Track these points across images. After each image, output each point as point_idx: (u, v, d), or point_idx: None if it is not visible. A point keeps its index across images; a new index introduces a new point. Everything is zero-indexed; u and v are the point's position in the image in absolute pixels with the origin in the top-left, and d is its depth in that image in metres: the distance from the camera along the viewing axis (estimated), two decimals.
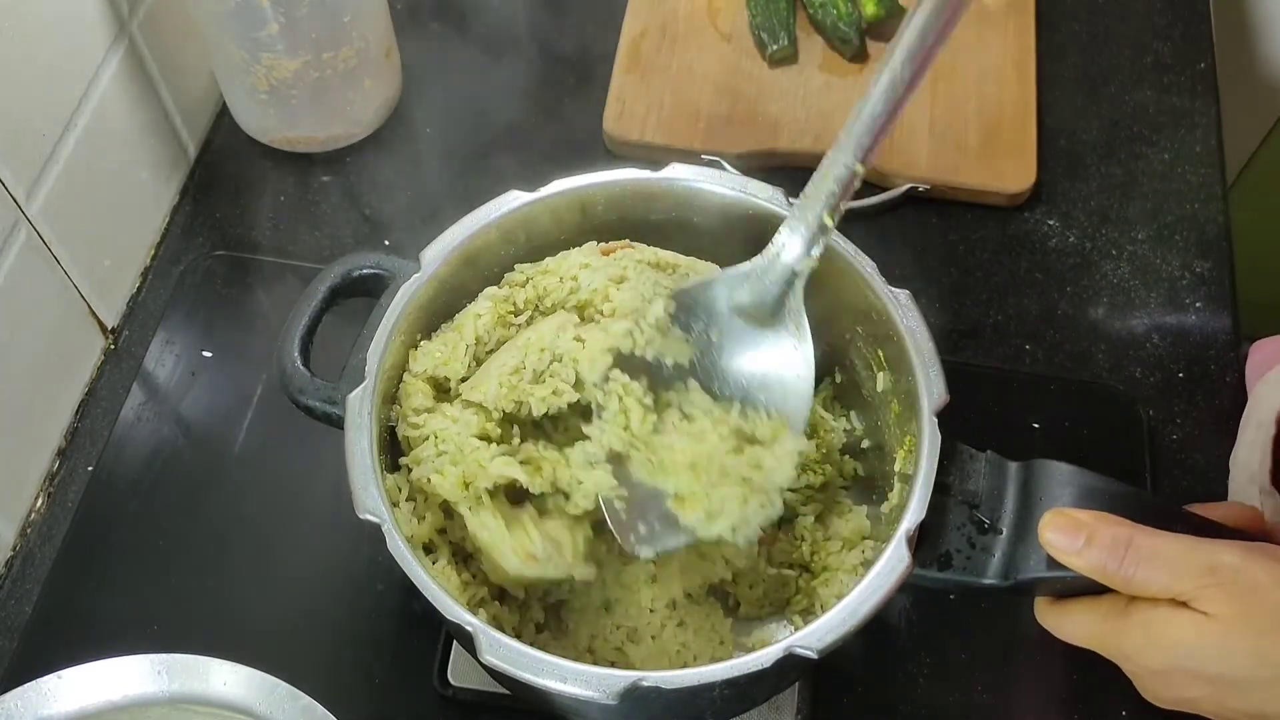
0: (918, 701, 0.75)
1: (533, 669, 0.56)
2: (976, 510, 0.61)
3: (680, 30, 1.01)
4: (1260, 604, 0.51)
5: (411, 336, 0.68)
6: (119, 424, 0.84)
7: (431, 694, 0.74)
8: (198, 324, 0.89)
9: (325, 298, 0.67)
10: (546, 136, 0.98)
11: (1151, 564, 0.53)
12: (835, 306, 0.70)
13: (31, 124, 0.75)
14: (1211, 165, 0.97)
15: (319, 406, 0.65)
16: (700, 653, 0.69)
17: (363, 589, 0.77)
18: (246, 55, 0.86)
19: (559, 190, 0.70)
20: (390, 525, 0.59)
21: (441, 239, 0.68)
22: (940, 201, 0.94)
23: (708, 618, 0.70)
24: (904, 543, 0.58)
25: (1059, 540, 0.55)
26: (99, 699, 0.57)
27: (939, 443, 0.61)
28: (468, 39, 1.03)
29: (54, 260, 0.80)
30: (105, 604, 0.78)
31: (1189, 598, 0.52)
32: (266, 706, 0.56)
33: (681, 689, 0.55)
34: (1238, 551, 0.53)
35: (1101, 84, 1.01)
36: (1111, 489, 0.58)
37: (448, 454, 0.64)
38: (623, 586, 0.69)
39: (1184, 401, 0.87)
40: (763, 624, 0.72)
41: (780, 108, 0.97)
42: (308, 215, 0.94)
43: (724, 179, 0.70)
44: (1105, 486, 0.58)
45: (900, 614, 0.77)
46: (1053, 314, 0.90)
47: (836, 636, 0.56)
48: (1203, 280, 0.92)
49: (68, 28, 0.78)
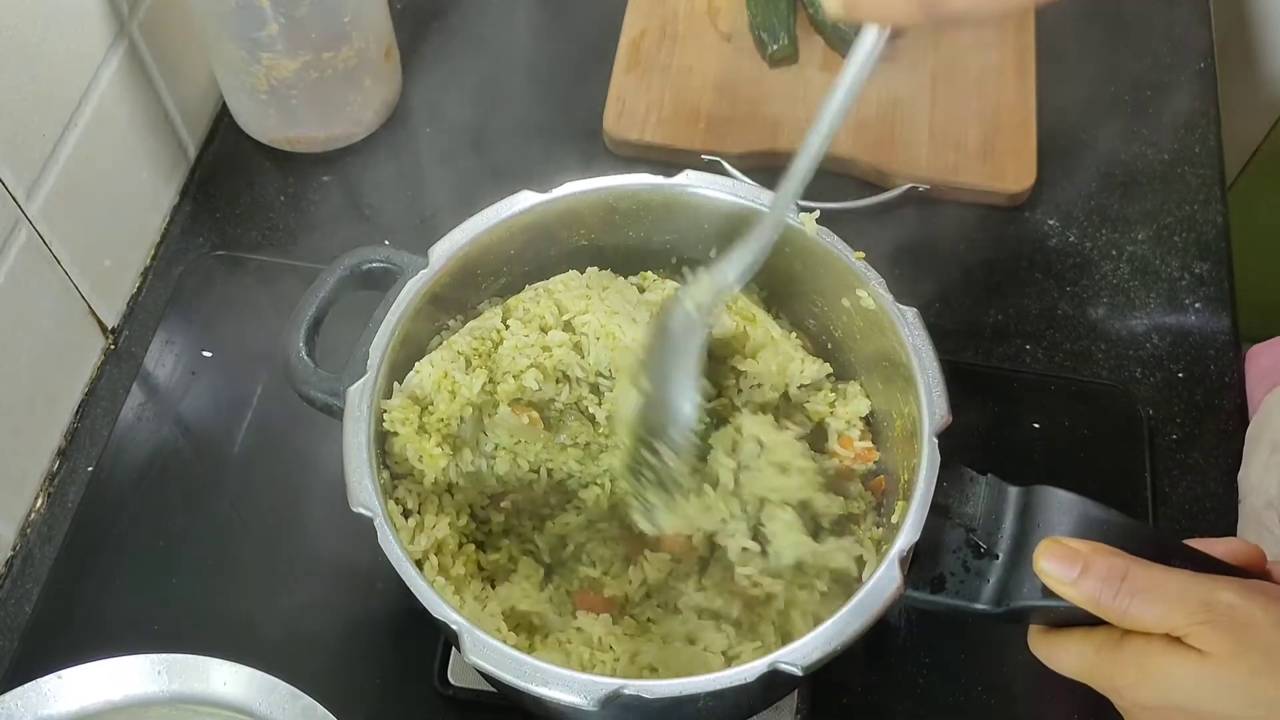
0: (917, 702, 0.75)
1: (515, 671, 0.56)
2: (973, 534, 0.60)
3: (680, 30, 1.01)
4: (1255, 643, 0.50)
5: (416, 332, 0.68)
6: (119, 424, 0.84)
7: (431, 694, 0.74)
8: (198, 324, 0.89)
9: (333, 289, 0.67)
10: (546, 136, 0.98)
11: (1147, 597, 0.52)
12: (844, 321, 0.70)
13: (31, 124, 0.75)
14: (1211, 165, 0.97)
15: (320, 397, 0.65)
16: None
17: (363, 588, 0.77)
18: (246, 55, 0.86)
19: (570, 192, 0.70)
20: (383, 520, 0.59)
21: (450, 236, 0.68)
22: (940, 201, 0.94)
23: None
24: (896, 563, 0.58)
25: (1054, 569, 0.55)
26: (99, 699, 0.57)
27: (938, 464, 0.61)
28: (468, 39, 1.03)
29: (54, 260, 0.80)
30: (105, 604, 0.78)
31: (1183, 633, 0.52)
32: (266, 706, 0.56)
33: (664, 699, 0.55)
34: (1235, 589, 0.52)
35: (1101, 84, 1.01)
36: (1111, 519, 0.57)
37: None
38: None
39: (1184, 401, 0.87)
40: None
41: (780, 108, 0.97)
42: (308, 215, 0.94)
43: (735, 187, 0.70)
44: (1105, 516, 0.58)
45: (900, 614, 0.77)
46: (1053, 314, 0.90)
47: (822, 654, 0.56)
48: (1202, 281, 0.92)
49: (68, 28, 0.78)
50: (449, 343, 0.69)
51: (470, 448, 0.68)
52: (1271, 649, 0.50)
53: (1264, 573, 0.57)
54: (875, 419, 0.71)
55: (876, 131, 0.95)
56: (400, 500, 0.65)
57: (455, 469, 0.67)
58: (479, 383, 0.67)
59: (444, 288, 0.68)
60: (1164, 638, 0.52)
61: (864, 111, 0.96)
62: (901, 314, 0.65)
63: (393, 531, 0.59)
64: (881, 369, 0.69)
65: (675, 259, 0.75)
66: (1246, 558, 0.57)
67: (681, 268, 0.75)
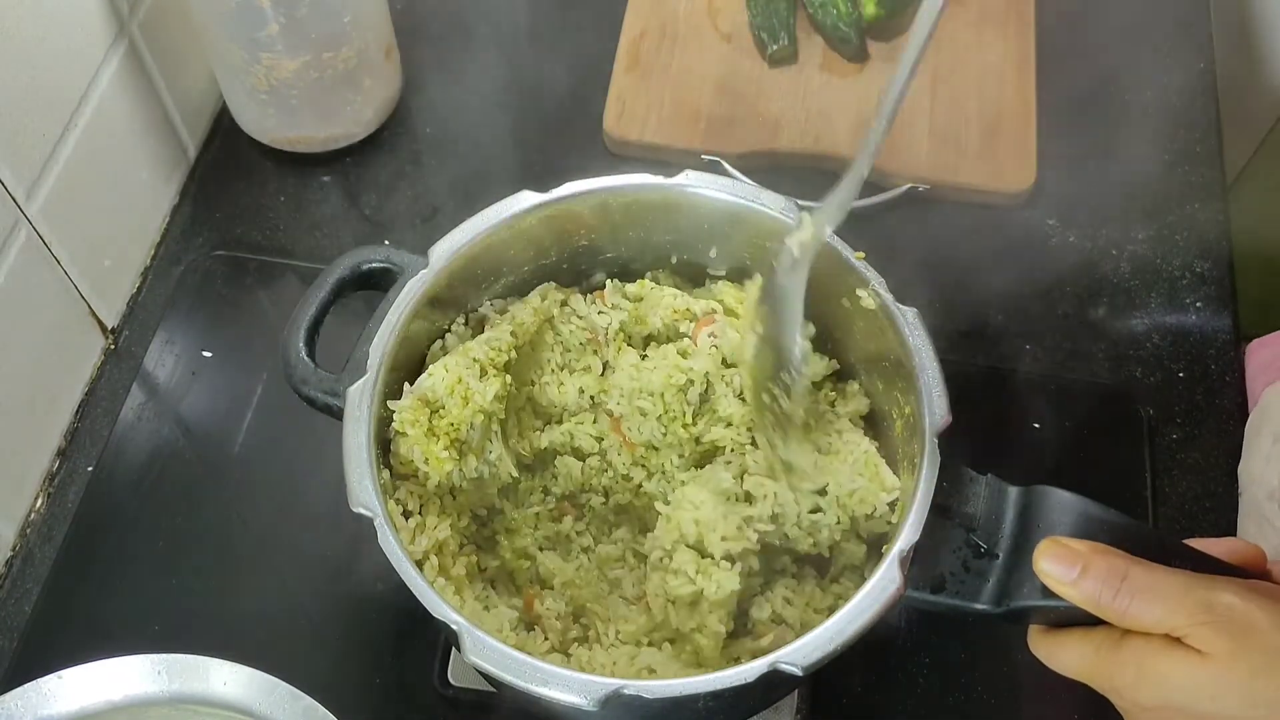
0: (917, 702, 0.75)
1: (515, 671, 0.56)
2: (974, 534, 0.60)
3: (680, 30, 1.01)
4: (1255, 644, 0.50)
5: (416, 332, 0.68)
6: (119, 424, 0.84)
7: (431, 694, 0.74)
8: (198, 324, 0.89)
9: (333, 289, 0.67)
10: (546, 136, 0.98)
11: (1146, 598, 0.52)
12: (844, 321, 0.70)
13: (31, 124, 0.75)
14: (1211, 165, 0.97)
15: (320, 397, 0.65)
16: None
17: (363, 589, 0.77)
18: (246, 55, 0.86)
19: (570, 192, 0.69)
20: (383, 520, 0.59)
21: (450, 236, 0.68)
22: (940, 201, 0.94)
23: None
24: (896, 564, 0.58)
25: (1054, 569, 0.55)
26: (99, 699, 0.57)
27: (938, 464, 0.61)
28: (468, 39, 1.03)
29: (54, 260, 0.80)
30: (105, 604, 0.78)
31: (1183, 634, 0.52)
32: (266, 706, 0.56)
33: (664, 699, 0.55)
34: (1235, 589, 0.52)
35: (1101, 84, 1.01)
36: (1111, 519, 0.57)
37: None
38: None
39: (1184, 401, 0.86)
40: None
41: (780, 108, 0.97)
42: (308, 215, 0.94)
43: (735, 187, 0.70)
44: (1105, 516, 0.58)
45: (900, 614, 0.77)
46: (1053, 314, 0.90)
47: (823, 654, 0.56)
48: (1203, 280, 0.92)
49: (68, 28, 0.78)
50: (465, 348, 0.68)
51: (476, 455, 0.68)
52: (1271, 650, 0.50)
53: (1264, 573, 0.57)
54: (875, 419, 0.71)
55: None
56: (401, 501, 0.65)
57: (459, 473, 0.67)
58: (492, 390, 0.67)
59: (444, 288, 0.68)
60: (1164, 638, 0.52)
61: (864, 111, 0.96)
62: (901, 314, 0.65)
63: (393, 531, 0.59)
64: (881, 369, 0.69)
65: (675, 259, 0.75)
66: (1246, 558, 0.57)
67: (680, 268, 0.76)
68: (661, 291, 0.74)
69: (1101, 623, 0.54)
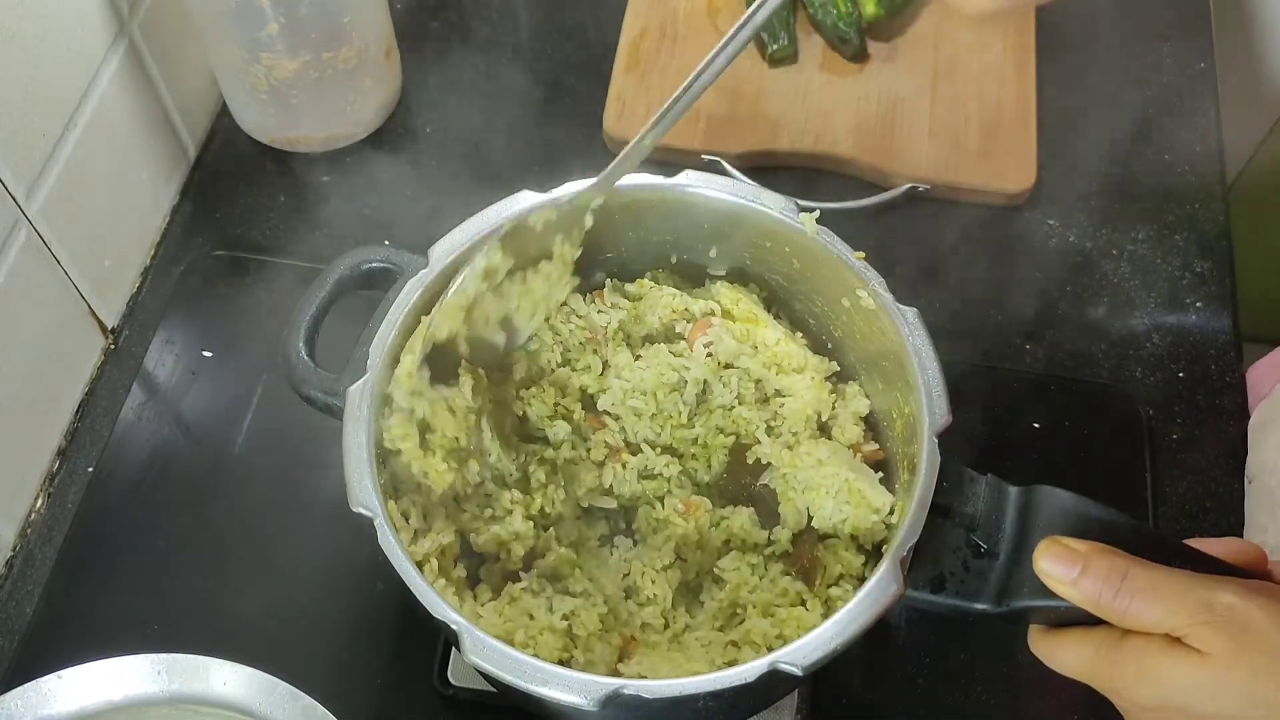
0: (917, 702, 0.75)
1: (515, 671, 0.56)
2: (974, 534, 0.60)
3: (680, 30, 1.01)
4: (1255, 644, 0.50)
5: None
6: (119, 424, 0.84)
7: (431, 694, 0.74)
8: (198, 324, 0.89)
9: (333, 289, 0.67)
10: (546, 136, 0.98)
11: (1146, 598, 0.52)
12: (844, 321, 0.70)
13: (31, 124, 0.75)
14: (1211, 165, 0.97)
15: (320, 397, 0.65)
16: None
17: (363, 589, 0.77)
18: (246, 55, 0.86)
19: (570, 192, 0.69)
20: (383, 520, 0.59)
21: (450, 236, 0.68)
22: (940, 201, 0.94)
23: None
24: (896, 564, 0.58)
25: (1054, 569, 0.55)
26: (99, 699, 0.57)
27: (938, 464, 0.61)
28: (468, 39, 1.03)
29: (54, 260, 0.80)
30: (105, 604, 0.78)
31: (1183, 634, 0.52)
32: (266, 706, 0.56)
33: (664, 699, 0.55)
34: (1235, 589, 0.52)
35: (1101, 84, 1.01)
36: (1111, 519, 0.57)
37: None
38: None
39: (1184, 401, 0.86)
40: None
41: (780, 108, 0.97)
42: (308, 215, 0.94)
43: (735, 187, 0.70)
44: (1105, 516, 0.58)
45: (900, 614, 0.77)
46: (1053, 314, 0.90)
47: (823, 654, 0.56)
48: (1203, 280, 0.92)
49: (67, 27, 0.78)
50: (406, 367, 0.64)
51: (476, 458, 0.67)
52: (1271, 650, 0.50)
53: (1264, 573, 0.57)
54: (875, 419, 0.71)
55: (876, 131, 0.95)
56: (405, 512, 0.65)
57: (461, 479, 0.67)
58: (468, 386, 0.66)
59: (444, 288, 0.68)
60: (1164, 638, 0.52)
61: (864, 111, 0.96)
62: (901, 314, 0.65)
63: (393, 531, 0.59)
64: (881, 369, 0.69)
65: (675, 259, 0.75)
66: (1246, 557, 0.57)
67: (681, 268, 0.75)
68: (661, 291, 0.74)
69: (1101, 623, 0.55)
